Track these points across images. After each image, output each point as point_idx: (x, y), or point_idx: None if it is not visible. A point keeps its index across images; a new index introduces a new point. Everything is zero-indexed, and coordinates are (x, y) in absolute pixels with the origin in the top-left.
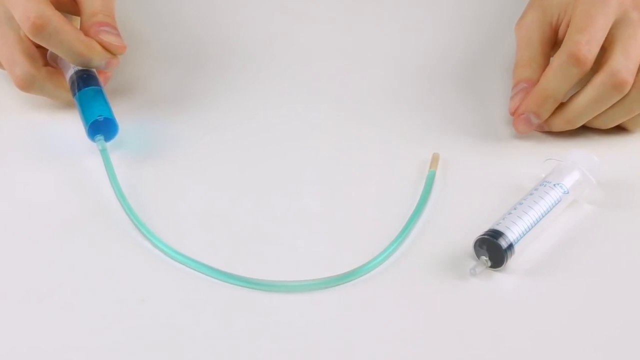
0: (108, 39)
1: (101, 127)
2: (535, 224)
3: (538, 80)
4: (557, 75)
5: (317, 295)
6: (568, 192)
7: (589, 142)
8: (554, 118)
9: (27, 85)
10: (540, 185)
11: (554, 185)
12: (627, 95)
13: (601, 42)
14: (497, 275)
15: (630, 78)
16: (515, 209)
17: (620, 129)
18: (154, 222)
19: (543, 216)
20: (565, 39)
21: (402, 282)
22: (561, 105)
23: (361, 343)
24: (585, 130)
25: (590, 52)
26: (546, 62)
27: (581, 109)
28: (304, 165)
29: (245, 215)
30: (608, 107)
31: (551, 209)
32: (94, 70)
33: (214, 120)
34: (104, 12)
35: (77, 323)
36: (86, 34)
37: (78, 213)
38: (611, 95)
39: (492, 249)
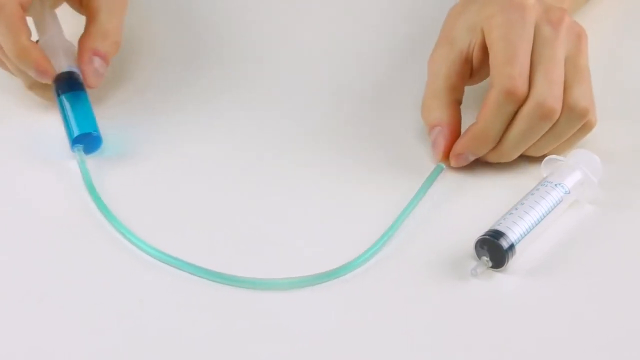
0: (89, 70)
1: (85, 138)
2: (536, 225)
3: (449, 119)
4: (497, 114)
5: (305, 292)
6: (569, 192)
7: (590, 142)
8: (488, 153)
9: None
10: (541, 185)
11: (555, 185)
12: (556, 122)
13: (528, 66)
14: (498, 276)
15: (557, 105)
16: (516, 209)
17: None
18: (138, 222)
19: (544, 216)
20: (494, 73)
21: (402, 282)
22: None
23: (359, 342)
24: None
25: (524, 84)
26: (452, 97)
27: (513, 143)
28: (301, 164)
29: (234, 214)
30: (538, 136)
31: (552, 209)
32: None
33: (210, 120)
34: (113, 39)
35: (67, 326)
36: (81, 48)
37: (65, 215)
38: (541, 125)
39: (493, 249)
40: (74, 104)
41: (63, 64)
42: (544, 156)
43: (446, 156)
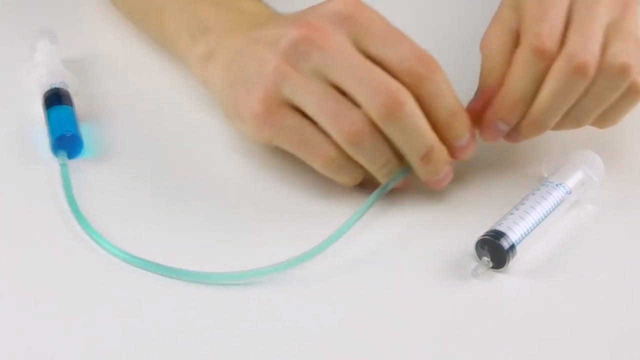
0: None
1: (66, 142)
2: (537, 225)
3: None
4: (524, 74)
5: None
6: (570, 193)
7: (592, 142)
8: (521, 124)
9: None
10: (542, 185)
11: (557, 185)
12: (594, 82)
13: (562, 27)
14: (499, 277)
15: (591, 59)
16: (517, 209)
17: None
18: (110, 223)
19: (545, 216)
20: (523, 32)
21: (402, 282)
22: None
23: (356, 343)
24: (589, 129)
25: (553, 42)
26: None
27: (546, 105)
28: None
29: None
30: (575, 98)
31: (553, 210)
32: (67, 90)
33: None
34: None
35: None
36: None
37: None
38: (574, 81)
39: (494, 249)
40: (57, 112)
41: (46, 82)
42: (546, 157)
43: (472, 118)
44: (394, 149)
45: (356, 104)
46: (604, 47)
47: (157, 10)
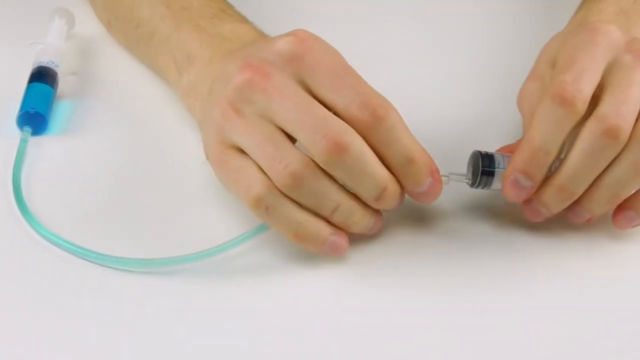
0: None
1: (31, 119)
2: None
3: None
4: (543, 122)
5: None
6: None
7: None
8: (545, 188)
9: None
10: None
11: None
12: (627, 148)
13: (592, 84)
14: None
15: (622, 122)
16: None
17: None
18: (47, 203)
19: None
20: (550, 83)
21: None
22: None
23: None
24: None
25: (578, 91)
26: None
27: (573, 168)
28: None
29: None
30: (605, 163)
31: None
32: (55, 70)
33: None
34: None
35: None
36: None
37: None
38: (603, 144)
39: (476, 167)
40: (35, 90)
41: (36, 59)
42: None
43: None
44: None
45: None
46: None
47: (148, 38)
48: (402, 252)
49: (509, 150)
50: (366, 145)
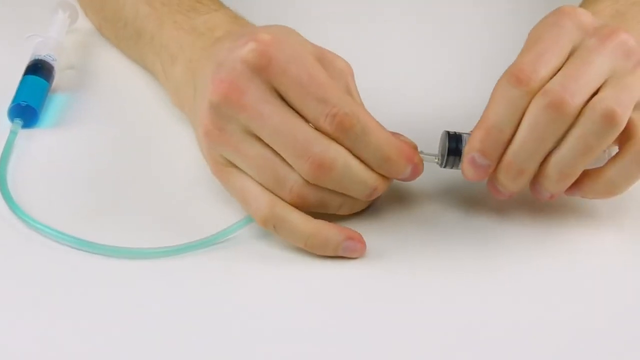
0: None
1: (23, 112)
2: None
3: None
4: (498, 101)
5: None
6: None
7: None
8: (498, 170)
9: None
10: None
11: None
12: (574, 125)
13: (550, 64)
14: None
15: (568, 97)
16: None
17: None
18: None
19: None
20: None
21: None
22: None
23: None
24: None
25: (534, 71)
26: None
27: (518, 143)
28: None
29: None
30: (551, 139)
31: None
32: (51, 63)
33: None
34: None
35: None
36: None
37: None
38: (547, 117)
39: (444, 147)
40: (29, 82)
41: (33, 52)
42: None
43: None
44: None
45: None
46: (596, 94)
47: (136, 37)
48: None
49: None
50: (350, 156)
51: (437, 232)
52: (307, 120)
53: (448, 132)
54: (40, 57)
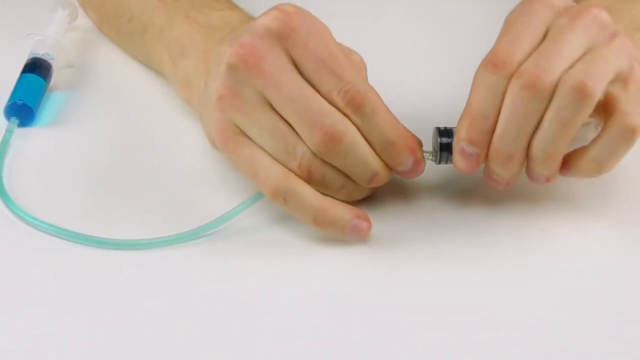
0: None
1: (19, 111)
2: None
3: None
4: (478, 88)
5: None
6: None
7: None
8: (489, 160)
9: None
10: None
11: None
12: (552, 103)
13: (525, 47)
14: None
15: (542, 74)
16: None
17: None
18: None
19: None
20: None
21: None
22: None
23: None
24: None
25: (509, 55)
26: None
27: (501, 128)
28: None
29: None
30: (531, 119)
31: None
32: (49, 62)
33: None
34: None
35: None
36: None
37: None
38: (525, 97)
39: (437, 143)
40: (26, 81)
41: (31, 50)
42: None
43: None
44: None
45: None
46: (570, 68)
47: (141, 31)
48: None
49: None
50: (358, 134)
51: (436, 225)
52: (319, 94)
53: (438, 128)
54: (38, 56)
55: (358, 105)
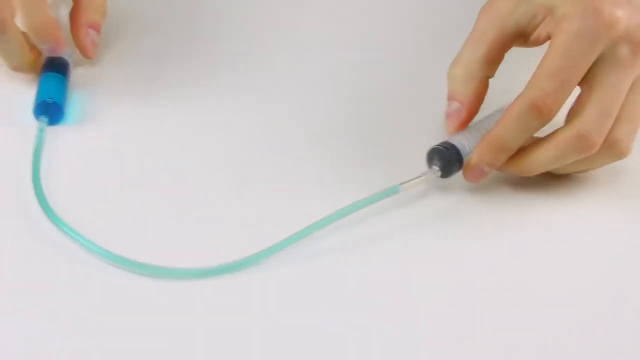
0: (87, 43)
1: (50, 109)
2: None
3: (470, 99)
4: (515, 125)
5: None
6: None
7: None
8: (508, 164)
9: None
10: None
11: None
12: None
13: (574, 88)
14: None
15: (599, 139)
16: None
17: None
18: (63, 205)
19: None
20: (531, 80)
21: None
22: (518, 152)
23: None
24: None
25: (556, 103)
26: (485, 72)
27: (539, 164)
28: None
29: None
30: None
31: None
32: (67, 59)
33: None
34: (102, 9)
35: None
36: (75, 22)
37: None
38: (575, 156)
39: (444, 159)
40: (51, 79)
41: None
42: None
43: (456, 130)
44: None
45: None
46: (617, 120)
47: None
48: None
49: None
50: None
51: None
52: None
53: (444, 146)
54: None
55: None
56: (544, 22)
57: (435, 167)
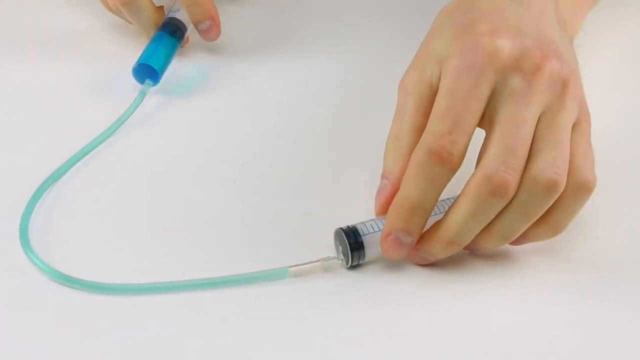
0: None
1: (149, 73)
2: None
3: (397, 175)
4: (419, 179)
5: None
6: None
7: None
8: (430, 242)
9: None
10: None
11: None
12: (516, 196)
13: (472, 128)
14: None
15: (510, 177)
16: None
17: None
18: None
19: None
20: (426, 127)
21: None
22: (435, 225)
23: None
24: None
25: (455, 144)
26: (415, 140)
27: (458, 226)
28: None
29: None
30: (493, 216)
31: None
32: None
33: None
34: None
35: None
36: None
37: None
38: (491, 203)
39: (344, 245)
40: (160, 41)
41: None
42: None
43: (382, 213)
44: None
45: None
46: (530, 155)
47: None
48: None
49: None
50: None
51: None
52: None
53: (342, 229)
54: (174, 16)
55: None
56: (439, 72)
57: (338, 254)
